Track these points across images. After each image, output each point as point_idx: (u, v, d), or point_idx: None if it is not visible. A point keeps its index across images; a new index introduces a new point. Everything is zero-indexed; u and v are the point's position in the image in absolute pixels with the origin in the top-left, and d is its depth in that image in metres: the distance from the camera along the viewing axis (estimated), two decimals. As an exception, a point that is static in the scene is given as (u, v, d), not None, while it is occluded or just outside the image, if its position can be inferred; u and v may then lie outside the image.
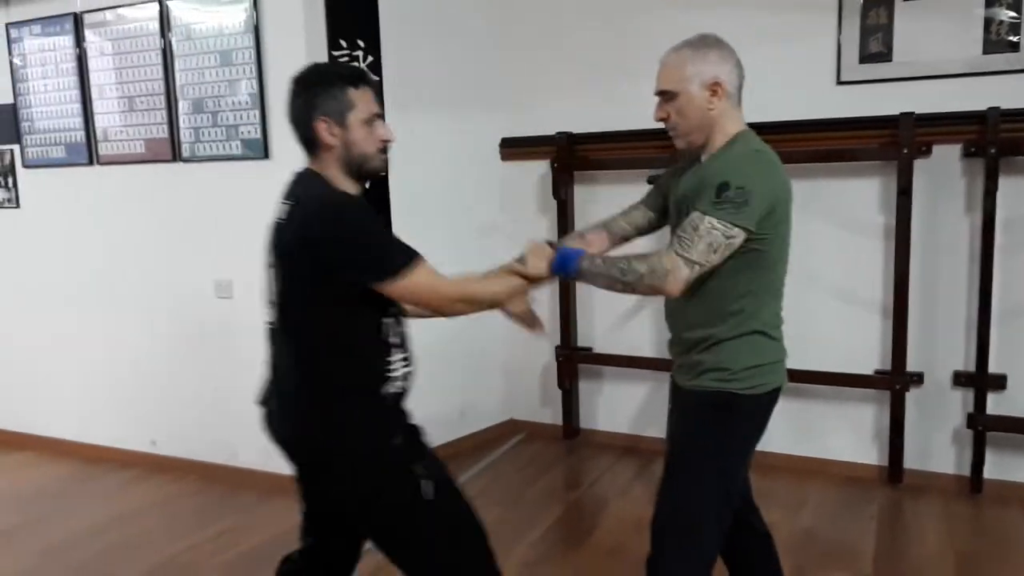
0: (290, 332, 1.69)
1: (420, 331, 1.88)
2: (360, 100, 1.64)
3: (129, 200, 3.56)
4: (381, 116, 1.70)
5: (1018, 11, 2.91)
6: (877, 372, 3.26)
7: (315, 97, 1.62)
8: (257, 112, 3.15)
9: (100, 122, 3.54)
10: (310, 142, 1.66)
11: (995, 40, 2.96)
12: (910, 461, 3.23)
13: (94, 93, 3.54)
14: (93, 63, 3.51)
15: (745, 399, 1.74)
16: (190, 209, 3.41)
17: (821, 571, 2.60)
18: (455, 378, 3.52)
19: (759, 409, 1.78)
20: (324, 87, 1.63)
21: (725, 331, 1.73)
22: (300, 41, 3.04)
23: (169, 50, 3.30)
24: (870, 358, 3.27)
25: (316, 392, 1.66)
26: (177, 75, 3.30)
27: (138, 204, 3.54)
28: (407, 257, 1.59)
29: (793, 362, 3.29)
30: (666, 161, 3.32)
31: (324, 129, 1.62)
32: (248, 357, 3.37)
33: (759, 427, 1.81)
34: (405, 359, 1.71)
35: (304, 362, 1.67)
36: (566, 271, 1.75)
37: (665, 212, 1.94)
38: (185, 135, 3.34)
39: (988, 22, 2.96)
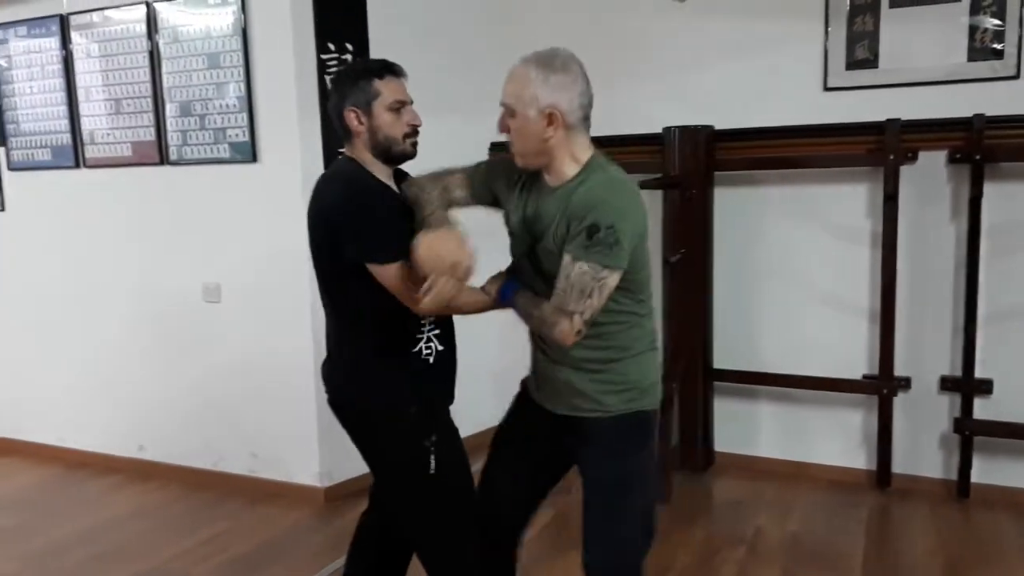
0: (329, 298, 1.85)
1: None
2: (385, 89, 1.79)
3: (116, 203, 3.54)
4: (408, 103, 1.83)
5: (1002, 19, 2.94)
6: (865, 377, 3.27)
7: (345, 90, 1.80)
8: (245, 115, 3.13)
9: (86, 124, 3.52)
10: (344, 130, 1.82)
11: (980, 47, 2.99)
12: (898, 465, 3.24)
13: (80, 95, 3.51)
14: (79, 65, 3.48)
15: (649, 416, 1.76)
16: (177, 212, 3.39)
17: (810, 575, 2.61)
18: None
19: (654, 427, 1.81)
20: (353, 81, 1.80)
21: (626, 351, 1.73)
22: (288, 44, 3.03)
23: (156, 52, 3.28)
24: (858, 363, 3.29)
25: (350, 353, 1.85)
26: (164, 77, 3.29)
27: (125, 207, 3.52)
28: (388, 252, 1.70)
29: (782, 367, 3.36)
30: (657, 166, 3.34)
31: (352, 117, 1.79)
32: (236, 362, 3.38)
33: (652, 446, 1.83)
34: (435, 325, 1.83)
35: (340, 326, 1.86)
36: (503, 300, 1.77)
37: (483, 202, 1.87)
38: (172, 138, 3.32)
39: (973, 29, 2.99)
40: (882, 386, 3.17)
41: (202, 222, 3.34)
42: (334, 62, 3.12)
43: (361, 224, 1.71)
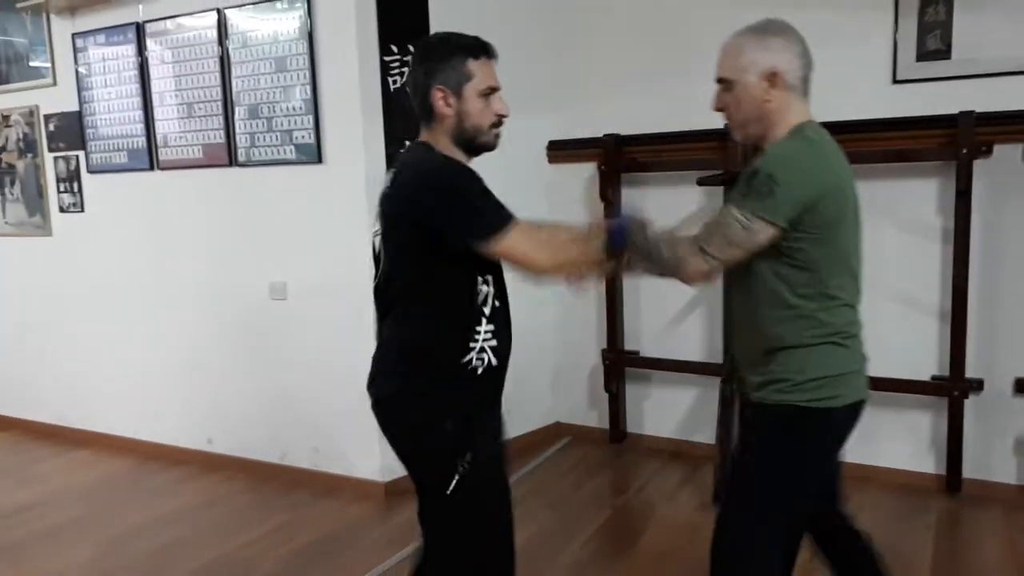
0: (390, 296, 1.71)
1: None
2: (479, 72, 1.65)
3: (187, 204, 3.66)
4: (498, 90, 1.70)
5: (1085, 6, 2.82)
6: (934, 378, 3.17)
7: (434, 66, 1.64)
8: (311, 117, 3.21)
9: (160, 128, 3.65)
10: (426, 111, 1.67)
11: (1060, 36, 2.87)
12: (969, 470, 3.14)
13: (155, 100, 3.65)
14: (154, 71, 3.62)
15: (813, 412, 1.63)
16: (245, 212, 3.50)
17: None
18: (502, 380, 3.56)
19: (828, 425, 1.68)
20: (443, 57, 1.64)
21: (789, 339, 1.63)
22: (352, 47, 3.09)
23: (226, 57, 3.38)
24: (928, 363, 3.19)
25: (399, 356, 1.71)
26: (234, 82, 3.39)
27: (195, 207, 3.64)
28: (501, 219, 1.57)
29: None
30: (717, 163, 3.29)
31: (440, 98, 1.64)
32: (299, 359, 3.46)
33: (828, 446, 1.73)
34: (494, 332, 1.68)
35: (396, 326, 1.71)
36: (621, 233, 1.64)
37: None
38: (241, 140, 3.42)
39: (1052, 18, 2.87)
40: (952, 388, 3.07)
41: (269, 222, 3.43)
42: (396, 64, 3.17)
43: (458, 206, 1.57)
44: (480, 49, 1.67)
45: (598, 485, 3.46)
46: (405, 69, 3.18)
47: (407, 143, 1.73)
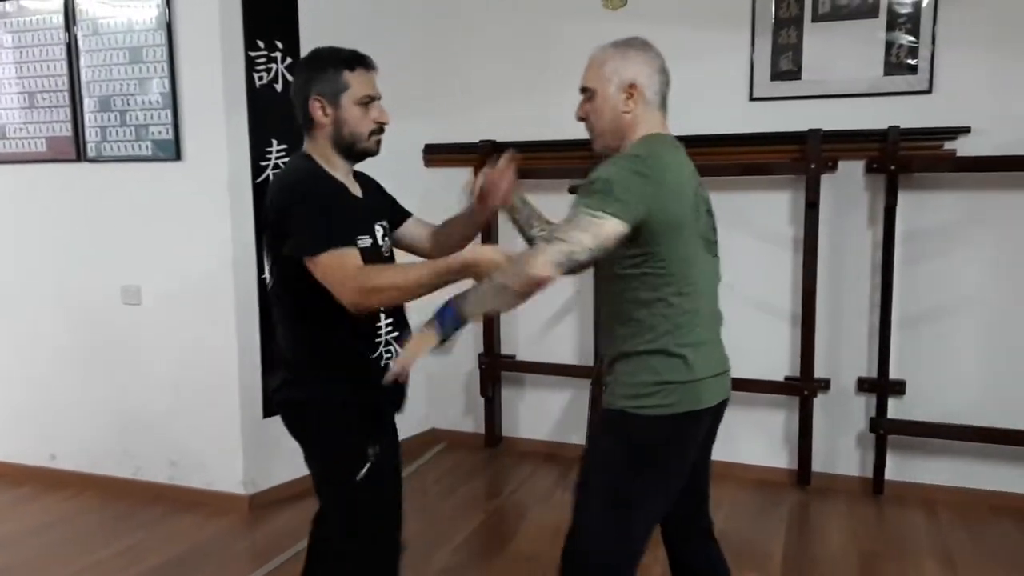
0: (276, 296, 1.80)
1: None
2: (355, 82, 1.73)
3: (29, 201, 3.38)
4: (377, 99, 1.78)
5: (916, 36, 3.08)
6: (787, 379, 3.37)
7: (312, 76, 1.73)
8: (168, 112, 3.04)
9: (-2, 118, 3.36)
10: (306, 120, 1.75)
11: (895, 62, 3.12)
12: (818, 464, 3.35)
13: (-9, 87, 3.35)
14: (-9, 55, 3.32)
15: (642, 420, 1.63)
16: (95, 210, 3.27)
17: (734, 572, 2.65)
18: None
19: (658, 433, 1.64)
20: (321, 68, 1.73)
21: (626, 345, 1.65)
22: (215, 40, 2.95)
23: (74, 44, 3.15)
24: (781, 365, 3.39)
25: (302, 353, 1.76)
26: (83, 71, 3.16)
27: (39, 205, 3.37)
28: (318, 244, 1.61)
29: (707, 369, 3.42)
30: (589, 171, 3.36)
31: (317, 108, 1.73)
32: (155, 367, 3.27)
33: (661, 454, 1.66)
34: (395, 324, 1.78)
35: (285, 325, 1.79)
36: (451, 312, 1.54)
37: None
38: (91, 134, 3.19)
39: (889, 45, 3.12)
40: (803, 387, 3.27)
41: (122, 221, 3.22)
42: (263, 60, 3.06)
43: (294, 219, 1.64)
44: (356, 61, 1.75)
45: (472, 490, 3.45)
46: (273, 66, 3.08)
47: (274, 141, 1.86)
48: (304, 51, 3.15)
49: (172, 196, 3.13)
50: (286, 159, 3.11)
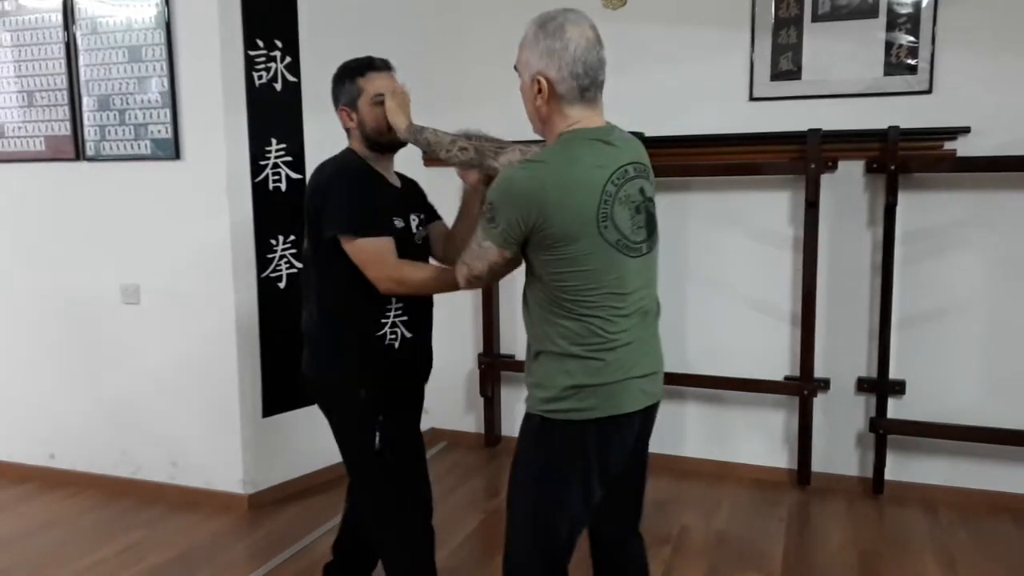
0: (307, 277, 2.01)
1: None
2: (367, 85, 1.96)
3: (28, 200, 3.38)
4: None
5: (915, 36, 3.08)
6: (787, 378, 3.37)
7: (337, 92, 2.00)
8: (168, 111, 3.03)
9: (-3, 116, 3.35)
10: (343, 127, 2.02)
11: (895, 63, 3.12)
12: (818, 464, 3.35)
13: (-10, 86, 3.35)
14: (-11, 54, 3.32)
15: (560, 425, 1.58)
16: (94, 209, 3.26)
17: (734, 572, 2.67)
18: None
19: (579, 439, 1.58)
20: (339, 81, 1.99)
21: (546, 345, 1.58)
22: (214, 39, 2.94)
23: (73, 43, 3.15)
24: (780, 365, 3.39)
25: (317, 332, 1.98)
26: (82, 70, 3.15)
27: (38, 204, 3.36)
28: (363, 224, 1.85)
29: (707, 369, 3.43)
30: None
31: (344, 116, 2.00)
32: (155, 366, 3.26)
33: (576, 460, 1.60)
34: (405, 308, 1.96)
35: (310, 300, 2.00)
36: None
37: None
38: (90, 133, 3.19)
39: (889, 45, 3.12)
40: (803, 387, 3.27)
41: (121, 220, 3.22)
42: (263, 59, 3.05)
43: (332, 201, 1.86)
44: (366, 67, 1.98)
45: (471, 489, 3.45)
46: (272, 65, 3.07)
47: (273, 140, 2.07)
48: (303, 50, 3.20)
49: (171, 195, 3.12)
50: (286, 158, 3.11)
